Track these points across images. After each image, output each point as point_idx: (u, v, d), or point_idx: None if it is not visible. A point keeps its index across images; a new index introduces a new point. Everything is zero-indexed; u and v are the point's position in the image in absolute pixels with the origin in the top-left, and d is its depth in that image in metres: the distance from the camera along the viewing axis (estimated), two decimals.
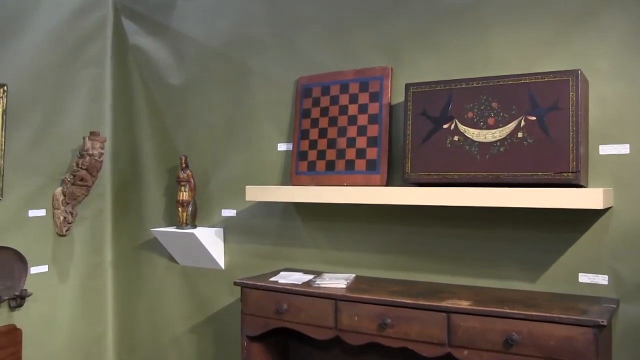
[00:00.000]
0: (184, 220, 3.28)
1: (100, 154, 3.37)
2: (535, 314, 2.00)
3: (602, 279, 2.31)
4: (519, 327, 2.02)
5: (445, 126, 2.44)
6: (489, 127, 2.34)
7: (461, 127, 2.40)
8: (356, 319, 2.37)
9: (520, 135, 2.27)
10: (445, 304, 2.19)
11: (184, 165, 3.29)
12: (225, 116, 3.32)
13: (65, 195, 3.39)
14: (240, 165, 3.25)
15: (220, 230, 3.32)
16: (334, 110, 2.88)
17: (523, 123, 2.27)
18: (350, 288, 2.52)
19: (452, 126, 2.42)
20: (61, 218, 3.40)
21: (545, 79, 2.24)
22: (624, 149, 2.29)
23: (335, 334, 2.43)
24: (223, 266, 3.32)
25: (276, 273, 2.86)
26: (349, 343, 2.41)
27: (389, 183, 2.72)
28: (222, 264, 3.32)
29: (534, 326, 2.00)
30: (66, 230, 3.43)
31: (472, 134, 2.37)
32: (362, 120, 2.79)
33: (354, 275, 2.77)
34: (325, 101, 2.91)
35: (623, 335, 2.27)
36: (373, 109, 2.77)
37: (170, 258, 3.53)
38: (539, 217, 2.41)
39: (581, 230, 2.34)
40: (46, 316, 3.37)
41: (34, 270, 3.29)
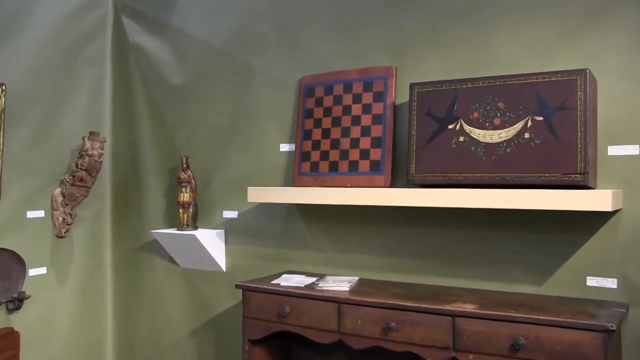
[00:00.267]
0: (185, 222, 3.28)
1: (100, 154, 3.37)
2: (542, 318, 2.00)
3: (611, 283, 2.30)
4: (525, 332, 2.02)
5: (450, 126, 2.43)
6: (495, 128, 2.34)
7: (467, 128, 2.40)
8: (359, 322, 2.36)
9: (527, 135, 2.27)
10: (450, 307, 2.19)
11: (184, 165, 3.29)
12: (226, 116, 3.32)
13: (64, 196, 3.39)
14: (242, 165, 3.25)
15: (222, 231, 3.32)
16: (337, 110, 2.88)
17: (530, 123, 2.27)
18: (353, 291, 2.52)
19: (458, 126, 2.42)
20: (60, 219, 3.40)
21: (553, 79, 2.24)
22: (633, 149, 2.28)
23: (338, 338, 2.43)
24: (224, 268, 3.32)
25: (278, 276, 2.86)
26: (352, 347, 2.40)
27: (393, 184, 2.71)
28: (224, 266, 3.32)
29: (541, 330, 1.99)
30: (65, 232, 3.44)
31: (478, 134, 2.37)
32: (366, 120, 2.78)
33: (358, 278, 2.77)
34: (328, 101, 2.91)
35: (633, 341, 2.26)
36: (377, 109, 2.77)
37: (171, 260, 3.54)
38: (546, 219, 2.41)
39: (589, 233, 2.34)
40: (44, 319, 3.37)
41: (33, 272, 3.29)
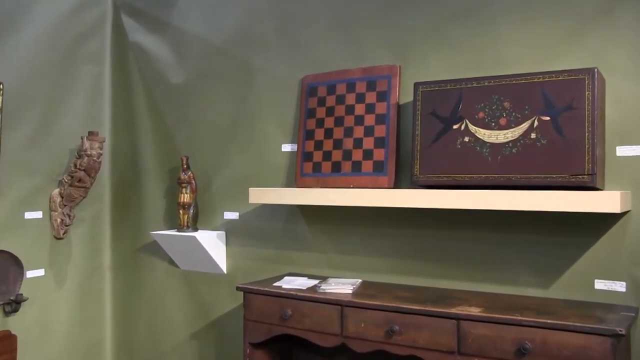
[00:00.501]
0: (185, 223, 3.28)
1: (99, 155, 3.37)
2: (549, 321, 1.99)
3: (620, 286, 2.29)
4: (532, 336, 2.01)
5: (455, 127, 2.43)
6: (501, 128, 2.33)
7: (472, 128, 2.39)
8: (363, 325, 2.36)
9: (533, 136, 2.26)
10: (455, 310, 2.18)
11: (185, 166, 3.29)
12: (228, 116, 3.32)
13: (62, 197, 3.39)
14: (243, 166, 3.25)
15: (223, 233, 3.32)
16: (340, 110, 2.88)
17: (536, 123, 2.26)
18: (356, 294, 2.52)
19: (463, 127, 2.41)
20: (58, 220, 3.40)
21: (560, 78, 2.23)
22: None
23: (341, 341, 2.43)
24: (225, 270, 3.32)
25: (280, 278, 2.86)
26: (355, 351, 2.40)
27: (397, 185, 2.71)
28: (224, 269, 3.32)
29: (547, 334, 1.98)
30: (63, 233, 3.44)
31: (483, 134, 2.37)
32: (369, 120, 2.78)
33: (361, 280, 2.77)
34: (331, 100, 2.91)
35: None
36: (380, 108, 2.77)
37: (171, 262, 3.54)
38: (553, 221, 2.40)
39: (597, 235, 2.33)
40: (42, 322, 3.37)
41: (30, 274, 3.29)
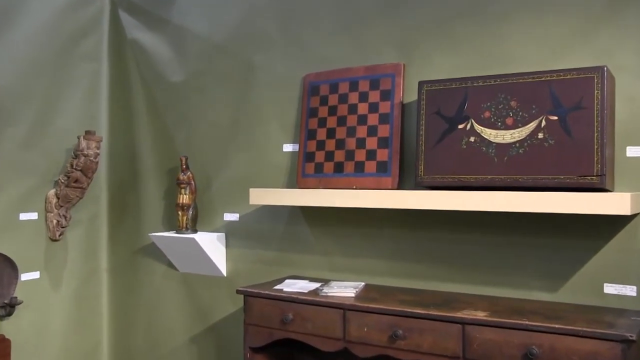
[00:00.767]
0: (184, 225, 3.27)
1: (96, 154, 3.38)
2: (557, 326, 1.99)
3: (630, 290, 2.28)
4: (539, 341, 2.01)
5: (460, 126, 2.43)
6: (508, 128, 2.33)
7: (478, 128, 2.39)
8: (365, 329, 2.36)
9: (540, 136, 2.26)
10: (460, 314, 2.18)
11: (184, 166, 3.29)
12: (228, 115, 3.32)
13: (58, 198, 3.39)
14: (244, 166, 3.25)
15: (222, 235, 3.32)
16: (342, 109, 2.87)
17: (544, 123, 2.26)
18: (359, 297, 2.51)
19: (468, 126, 2.41)
20: (54, 222, 3.40)
21: (568, 76, 2.23)
22: None
23: (343, 346, 2.43)
24: (225, 273, 3.32)
25: (281, 281, 2.86)
26: (357, 355, 2.40)
27: (401, 186, 2.71)
28: (224, 271, 3.31)
29: (555, 340, 1.98)
30: (59, 235, 3.44)
31: (489, 134, 2.36)
32: (373, 119, 2.78)
33: (364, 283, 2.77)
34: (333, 99, 2.91)
35: None
36: (384, 107, 2.76)
37: (170, 264, 3.53)
38: (561, 223, 2.40)
39: (606, 238, 2.33)
40: (37, 326, 3.37)
41: (25, 277, 3.30)
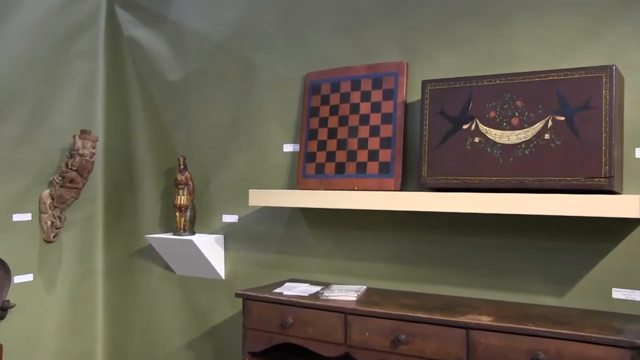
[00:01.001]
0: (182, 226, 3.27)
1: (92, 154, 3.37)
2: (564, 332, 1.98)
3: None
4: (546, 346, 2.00)
5: (465, 127, 2.43)
6: (513, 128, 2.33)
7: (482, 128, 2.39)
8: (367, 334, 2.35)
9: (547, 136, 2.26)
10: (465, 319, 2.18)
11: (182, 166, 3.29)
12: (227, 114, 3.32)
13: (53, 198, 3.39)
14: (243, 167, 3.25)
15: (221, 237, 3.31)
16: (344, 109, 2.87)
17: (550, 123, 2.26)
18: (361, 301, 2.51)
19: (473, 127, 2.41)
20: (48, 223, 3.39)
21: (576, 76, 2.23)
22: None
23: (344, 351, 2.42)
24: (223, 276, 3.31)
25: (281, 284, 2.86)
26: None
27: (404, 188, 2.71)
28: (223, 274, 3.31)
29: (563, 346, 1.97)
30: (54, 236, 3.43)
31: (495, 135, 2.36)
32: (375, 119, 2.78)
33: (365, 287, 2.76)
34: (335, 99, 2.91)
35: None
36: (387, 107, 2.76)
37: (167, 267, 3.53)
38: (568, 226, 2.39)
39: (615, 241, 2.32)
40: (30, 329, 3.36)
41: (18, 279, 3.29)
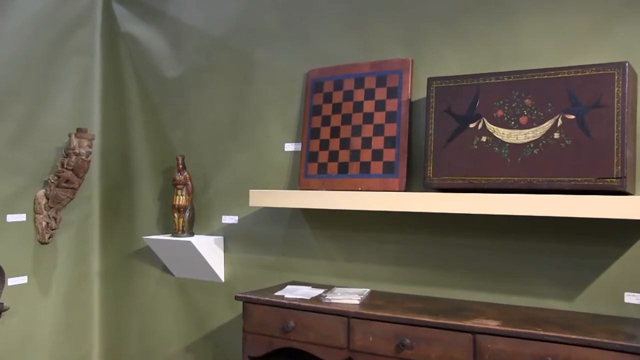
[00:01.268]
0: (181, 228, 3.27)
1: (88, 153, 3.37)
2: (574, 337, 1.98)
3: None
4: (555, 352, 2.00)
5: (471, 125, 2.43)
6: (522, 127, 2.32)
7: (490, 127, 2.39)
8: (371, 339, 2.35)
9: (556, 135, 2.25)
10: (471, 323, 2.17)
11: (180, 166, 3.29)
12: (227, 113, 3.32)
13: (48, 199, 3.39)
14: (243, 166, 3.25)
15: (221, 238, 3.31)
16: (347, 107, 2.87)
17: (560, 122, 2.25)
18: (364, 304, 2.51)
19: (480, 125, 2.41)
20: (43, 224, 3.39)
21: (587, 73, 2.22)
22: None
23: (347, 355, 2.42)
24: (223, 278, 3.31)
25: (282, 287, 2.86)
26: None
27: (408, 188, 2.71)
28: (222, 276, 3.31)
29: (572, 351, 1.97)
30: (49, 238, 3.43)
31: (502, 134, 2.36)
32: (379, 118, 2.78)
33: (369, 290, 2.76)
34: (338, 97, 2.91)
35: None
36: (391, 105, 2.76)
37: (165, 269, 3.53)
38: (578, 228, 2.39)
39: (627, 244, 2.32)
40: (24, 333, 3.36)
41: (12, 281, 3.28)
